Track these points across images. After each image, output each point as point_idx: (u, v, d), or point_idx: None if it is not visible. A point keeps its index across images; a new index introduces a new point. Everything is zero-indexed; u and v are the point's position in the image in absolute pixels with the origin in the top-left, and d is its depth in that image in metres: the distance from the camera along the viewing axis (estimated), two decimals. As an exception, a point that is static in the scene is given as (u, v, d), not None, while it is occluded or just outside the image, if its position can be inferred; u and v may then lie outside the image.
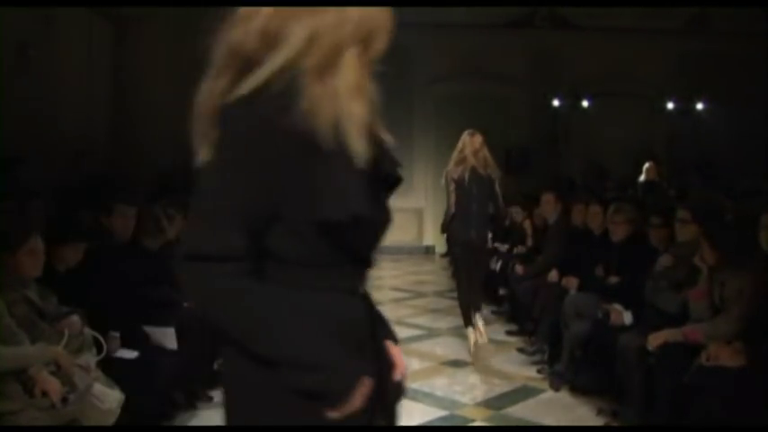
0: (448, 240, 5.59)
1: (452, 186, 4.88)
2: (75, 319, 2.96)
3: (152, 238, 4.29)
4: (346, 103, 1.09)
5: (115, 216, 3.88)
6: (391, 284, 9.10)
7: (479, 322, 5.01)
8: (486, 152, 4.97)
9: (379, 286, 8.87)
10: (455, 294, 6.30)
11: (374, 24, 1.14)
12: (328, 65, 1.08)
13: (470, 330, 5.02)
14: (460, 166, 4.90)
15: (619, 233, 4.47)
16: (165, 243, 4.51)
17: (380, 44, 1.18)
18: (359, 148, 1.07)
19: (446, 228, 5.10)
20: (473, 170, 4.87)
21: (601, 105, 11.92)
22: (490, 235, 5.33)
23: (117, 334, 3.27)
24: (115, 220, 3.89)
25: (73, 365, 2.68)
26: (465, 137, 5.02)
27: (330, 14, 1.08)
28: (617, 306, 3.95)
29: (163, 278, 4.29)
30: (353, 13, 1.10)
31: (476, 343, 4.94)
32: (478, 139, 4.95)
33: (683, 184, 9.14)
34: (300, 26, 1.06)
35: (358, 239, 1.11)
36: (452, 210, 4.88)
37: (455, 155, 4.98)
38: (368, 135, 1.10)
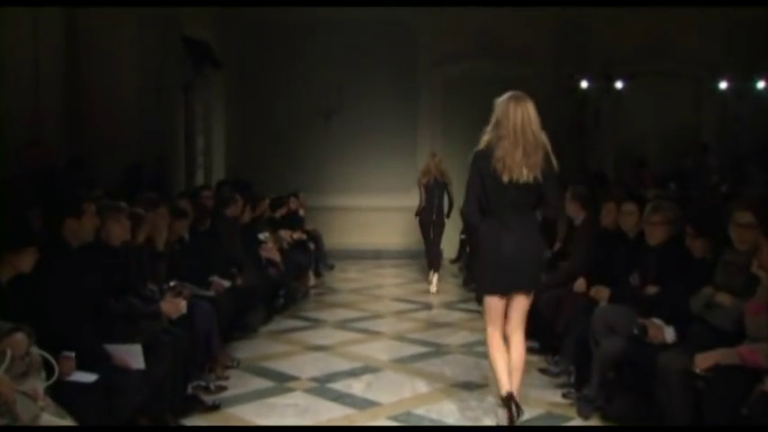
0: (420, 223, 9.26)
1: (422, 189, 9.02)
2: (20, 336, 2.87)
3: (115, 241, 4.22)
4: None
5: (86, 216, 3.81)
6: (393, 294, 9.05)
7: (434, 278, 8.93)
8: (443, 167, 8.93)
9: (378, 296, 8.84)
10: (466, 306, 7.79)
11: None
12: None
13: (433, 277, 8.91)
14: (426, 176, 9.00)
15: (656, 236, 4.41)
16: (130, 246, 4.46)
17: None
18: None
19: (419, 214, 9.18)
20: (435, 179, 8.92)
21: (637, 87, 11.70)
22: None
23: (72, 354, 3.20)
24: (85, 221, 3.82)
25: (15, 392, 2.61)
26: (429, 160, 9.18)
27: None
28: (656, 320, 3.89)
29: (128, 287, 4.26)
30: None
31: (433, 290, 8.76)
32: (439, 159, 9.05)
33: (739, 178, 8.98)
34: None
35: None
36: (423, 203, 9.04)
37: (423, 169, 9.16)
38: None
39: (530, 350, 5.72)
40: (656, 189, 7.50)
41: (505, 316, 3.97)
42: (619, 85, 11.51)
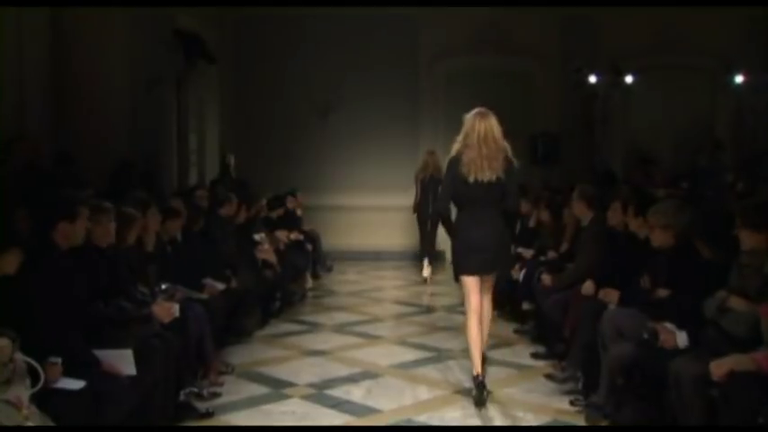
0: (418, 218, 10.35)
1: (419, 184, 10.20)
2: (4, 342, 2.85)
3: (105, 242, 4.20)
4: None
5: (81, 219, 3.78)
6: (393, 297, 9.04)
7: (427, 266, 9.56)
8: (439, 164, 9.08)
9: (378, 299, 8.82)
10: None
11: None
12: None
13: (425, 265, 9.55)
14: (423, 172, 10.14)
15: (657, 239, 4.38)
16: (120, 247, 4.44)
17: None
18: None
19: (416, 208, 10.35)
20: (431, 175, 9.82)
21: (647, 81, 11.65)
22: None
23: (58, 360, 3.18)
24: (79, 224, 3.79)
25: (-3, 401, 2.58)
26: (427, 157, 10.18)
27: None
28: (667, 325, 3.86)
29: (117, 289, 4.24)
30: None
31: (425, 279, 9.50)
32: (437, 156, 9.68)
33: (754, 176, 8.92)
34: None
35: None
36: (419, 199, 10.22)
37: (421, 166, 10.23)
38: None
39: (535, 355, 5.82)
40: (667, 188, 7.47)
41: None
42: (628, 79, 11.43)
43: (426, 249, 10.13)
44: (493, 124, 4.75)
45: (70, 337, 3.40)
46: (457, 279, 4.94)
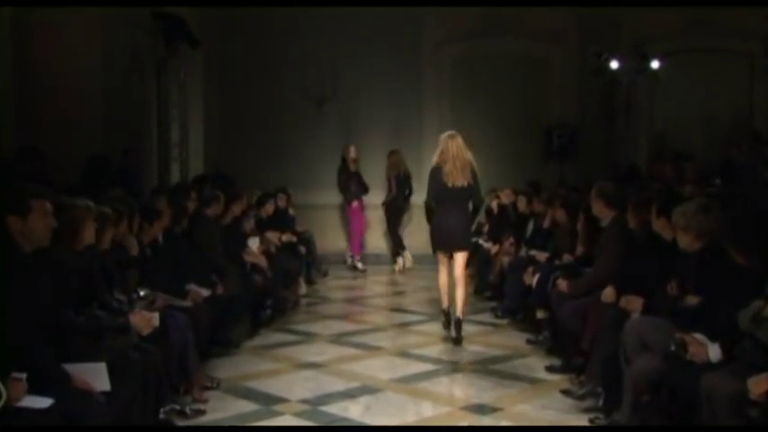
0: (388, 211, 11.52)
1: (393, 181, 11.43)
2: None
3: (75, 245, 4.18)
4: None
5: (33, 215, 3.73)
6: (394, 303, 9.04)
7: (400, 260, 11.43)
8: (404, 160, 11.53)
9: (378, 306, 8.82)
10: (479, 317, 8.01)
11: None
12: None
13: (398, 260, 11.41)
14: (396, 170, 11.44)
15: (684, 242, 4.36)
16: (95, 250, 4.42)
17: None
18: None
19: (387, 203, 11.51)
20: (403, 172, 11.47)
21: (676, 67, 11.53)
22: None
23: (23, 375, 3.14)
24: (33, 220, 3.74)
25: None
26: (395, 157, 11.47)
27: None
28: (698, 336, 3.83)
29: (91, 297, 4.22)
30: None
31: (401, 269, 11.31)
32: (400, 154, 11.51)
33: None
34: None
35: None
36: (394, 193, 11.41)
37: (391, 164, 11.47)
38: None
39: (550, 368, 5.80)
40: (694, 186, 7.41)
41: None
42: (655, 64, 11.29)
43: (397, 243, 11.58)
44: (460, 144, 6.90)
45: (36, 350, 3.36)
46: (434, 253, 7.30)
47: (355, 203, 11.48)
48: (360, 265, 11.43)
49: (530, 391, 5.36)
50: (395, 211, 11.51)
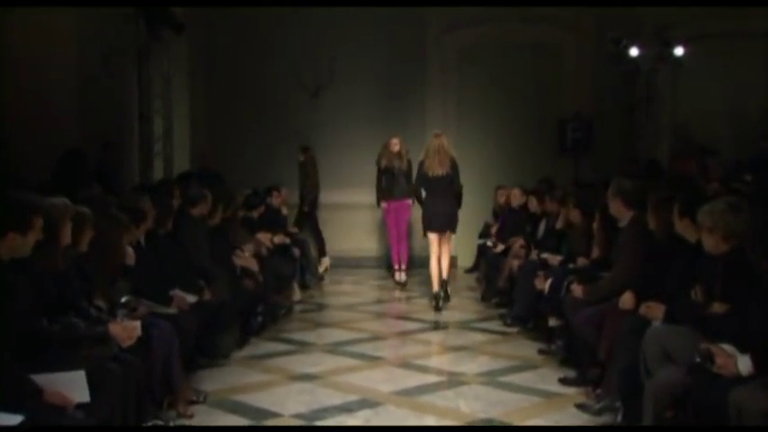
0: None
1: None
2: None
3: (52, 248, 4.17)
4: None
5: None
6: (396, 311, 9.05)
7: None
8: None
9: (378, 313, 8.82)
10: (486, 325, 8.09)
11: None
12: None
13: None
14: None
15: (709, 244, 4.34)
16: (72, 253, 4.41)
17: None
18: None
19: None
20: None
21: (701, 54, 11.43)
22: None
23: (-8, 389, 3.14)
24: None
25: None
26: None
27: None
28: (726, 346, 3.82)
29: (67, 304, 4.21)
30: None
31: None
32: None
33: None
34: None
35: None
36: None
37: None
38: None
39: (564, 381, 5.80)
40: (720, 184, 7.41)
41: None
42: (678, 51, 11.17)
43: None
44: (443, 142, 8.89)
45: (4, 361, 3.35)
46: (425, 234, 9.03)
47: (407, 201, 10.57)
48: (402, 276, 10.62)
49: (542, 406, 5.35)
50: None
